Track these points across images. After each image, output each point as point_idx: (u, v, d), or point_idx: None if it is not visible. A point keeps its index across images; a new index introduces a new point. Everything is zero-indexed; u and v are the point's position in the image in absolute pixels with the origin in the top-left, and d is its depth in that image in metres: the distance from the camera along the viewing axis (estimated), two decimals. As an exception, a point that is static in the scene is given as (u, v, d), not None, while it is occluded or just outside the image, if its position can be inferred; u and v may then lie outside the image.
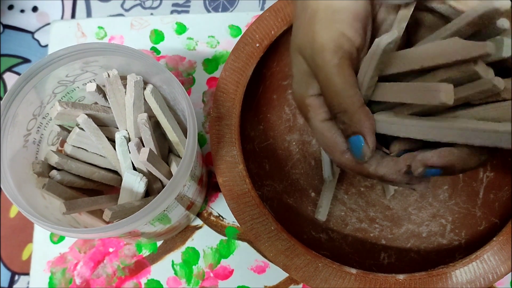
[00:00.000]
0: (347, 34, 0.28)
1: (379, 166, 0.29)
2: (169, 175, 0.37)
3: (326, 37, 0.28)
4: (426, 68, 0.26)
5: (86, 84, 0.36)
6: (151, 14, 0.55)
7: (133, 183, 0.36)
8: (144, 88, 0.35)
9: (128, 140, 0.37)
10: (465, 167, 0.26)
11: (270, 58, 0.42)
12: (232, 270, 0.42)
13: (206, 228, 0.43)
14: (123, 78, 0.35)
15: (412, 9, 0.29)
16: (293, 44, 0.31)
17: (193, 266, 0.42)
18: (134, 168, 0.37)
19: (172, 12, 0.56)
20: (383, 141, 0.30)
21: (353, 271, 0.35)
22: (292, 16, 0.32)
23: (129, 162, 0.37)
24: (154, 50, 0.49)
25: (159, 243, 0.43)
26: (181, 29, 0.49)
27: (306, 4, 0.29)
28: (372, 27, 0.30)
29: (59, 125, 0.37)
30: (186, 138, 0.33)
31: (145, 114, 0.36)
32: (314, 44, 0.28)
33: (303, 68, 0.30)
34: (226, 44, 0.48)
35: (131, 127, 0.36)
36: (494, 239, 0.35)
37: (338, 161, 0.31)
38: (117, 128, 0.38)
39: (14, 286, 0.45)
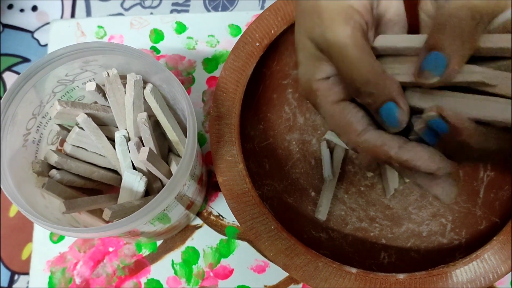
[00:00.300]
0: (356, 7, 0.27)
1: (403, 150, 0.27)
2: (169, 174, 0.37)
3: (335, 11, 0.27)
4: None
5: (85, 83, 0.36)
6: (151, 13, 0.55)
7: (133, 182, 0.35)
8: (144, 87, 0.35)
9: (128, 139, 0.37)
10: (482, 145, 0.24)
11: (270, 57, 0.42)
12: (232, 270, 0.42)
13: (206, 227, 0.43)
14: (123, 77, 0.35)
15: None
16: (299, 28, 0.30)
17: (193, 266, 0.42)
18: (134, 168, 0.37)
19: (172, 11, 0.56)
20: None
21: (353, 270, 0.35)
22: (295, 5, 0.31)
23: (128, 161, 0.37)
24: (154, 49, 0.49)
25: (159, 243, 0.43)
26: (181, 28, 0.49)
27: None
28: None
29: (59, 125, 0.37)
30: (186, 137, 0.33)
31: (145, 114, 0.36)
32: (323, 20, 0.27)
33: (310, 52, 0.29)
34: (226, 43, 0.48)
35: (130, 127, 0.36)
36: (495, 238, 0.35)
37: (355, 143, 0.28)
38: (117, 127, 0.38)
39: (13, 285, 0.45)
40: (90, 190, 0.39)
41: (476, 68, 0.25)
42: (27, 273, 0.44)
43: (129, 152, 0.36)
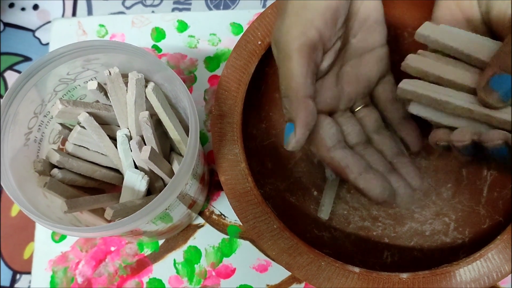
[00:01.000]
0: (315, 23, 0.29)
1: (360, 178, 0.30)
2: (171, 173, 0.36)
3: (294, 23, 0.29)
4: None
5: (87, 82, 0.36)
6: (152, 11, 0.55)
7: (135, 181, 0.35)
8: (146, 86, 0.35)
9: (130, 138, 0.37)
10: None
11: (272, 56, 0.42)
12: (234, 269, 0.42)
13: (208, 226, 0.43)
14: (125, 76, 0.35)
15: None
16: (272, 36, 0.32)
17: (195, 265, 0.42)
18: (136, 167, 0.37)
19: (173, 9, 0.55)
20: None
21: (356, 269, 0.34)
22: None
23: (130, 160, 0.37)
24: (156, 48, 0.48)
25: (161, 242, 0.43)
26: (182, 27, 0.49)
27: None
28: (349, 20, 0.31)
29: (60, 124, 0.37)
30: (188, 136, 0.33)
31: (147, 112, 0.35)
32: (282, 29, 0.29)
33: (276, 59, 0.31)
34: (228, 42, 0.48)
35: (132, 125, 0.36)
36: (498, 237, 0.34)
37: (322, 157, 0.31)
38: (119, 126, 0.38)
39: (15, 285, 0.45)
40: (92, 189, 0.38)
41: None
42: (29, 273, 0.44)
43: (131, 151, 0.36)
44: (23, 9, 0.59)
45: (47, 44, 0.57)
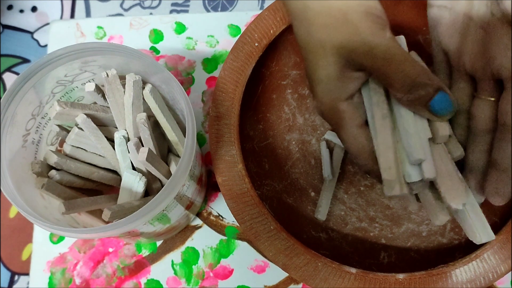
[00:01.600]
0: (383, 17, 0.29)
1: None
2: (169, 174, 0.37)
3: (368, 22, 0.28)
4: None
5: (85, 84, 0.36)
6: (150, 13, 0.55)
7: (132, 182, 0.36)
8: (143, 88, 0.35)
9: (127, 140, 0.37)
10: None
11: (269, 57, 0.42)
12: (232, 270, 0.42)
13: (205, 227, 0.43)
14: (122, 78, 0.35)
15: None
16: (321, 44, 0.30)
17: (193, 266, 0.42)
18: (134, 168, 0.37)
19: (171, 11, 0.56)
20: None
21: (353, 270, 0.35)
22: (295, 19, 0.32)
23: (128, 162, 0.37)
24: (154, 49, 0.49)
25: (158, 243, 0.43)
26: (180, 28, 0.49)
27: (311, 4, 0.29)
28: None
29: (58, 125, 0.37)
30: (185, 137, 0.33)
31: (144, 114, 0.36)
32: (359, 32, 0.28)
33: (334, 70, 0.29)
34: (226, 43, 0.48)
35: (130, 127, 0.36)
36: (494, 238, 0.35)
37: (369, 168, 0.30)
38: (116, 128, 0.38)
39: (14, 286, 0.45)
40: (90, 190, 0.39)
41: None
42: (27, 274, 0.44)
43: (129, 152, 0.36)
44: (21, 11, 0.59)
45: (46, 46, 0.57)
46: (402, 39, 0.32)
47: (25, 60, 0.58)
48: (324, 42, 0.29)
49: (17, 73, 0.58)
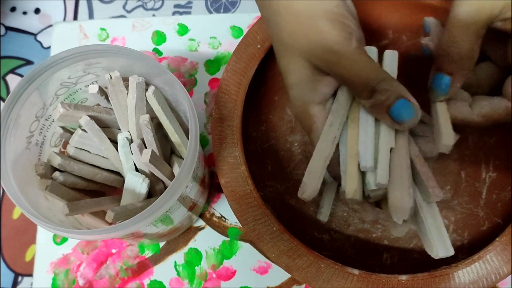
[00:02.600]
0: (350, 25, 0.29)
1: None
2: (171, 176, 0.37)
3: (335, 30, 0.29)
4: None
5: (88, 85, 0.37)
6: (153, 15, 0.55)
7: (136, 184, 0.36)
8: (146, 90, 0.35)
9: (131, 141, 0.37)
10: None
11: (271, 59, 0.42)
12: (235, 271, 0.42)
13: (208, 229, 0.43)
14: (125, 80, 0.35)
15: None
16: (286, 49, 0.31)
17: (196, 267, 0.42)
18: (137, 170, 0.38)
19: (174, 13, 0.56)
20: None
21: (356, 271, 0.35)
22: (268, 25, 0.32)
23: (131, 163, 0.37)
24: (156, 51, 0.49)
25: (161, 244, 0.43)
26: (183, 30, 0.49)
27: (284, 7, 0.30)
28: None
29: (62, 127, 0.37)
30: (188, 139, 0.33)
31: (147, 116, 0.36)
32: (327, 39, 0.29)
33: (304, 74, 0.30)
34: (228, 45, 0.48)
35: (133, 129, 0.37)
36: (497, 239, 0.35)
37: (335, 174, 0.32)
38: (119, 129, 0.38)
39: (17, 287, 0.45)
40: (93, 192, 0.39)
41: None
42: (30, 275, 0.44)
43: (132, 154, 0.37)
44: (24, 13, 0.60)
45: (49, 47, 0.57)
46: (373, 49, 0.32)
47: (29, 62, 0.58)
48: (293, 48, 0.30)
49: (20, 75, 0.58)
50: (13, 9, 0.60)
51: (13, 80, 0.58)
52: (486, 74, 0.33)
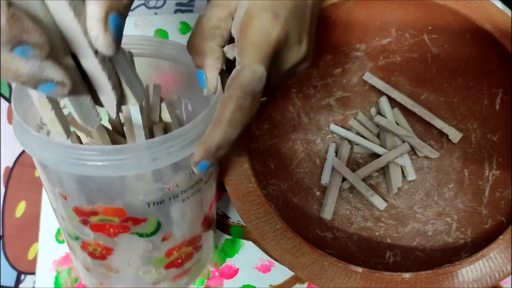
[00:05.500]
0: None
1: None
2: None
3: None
4: None
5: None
6: (155, 13, 0.55)
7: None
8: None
9: None
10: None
11: (274, 57, 0.42)
12: (237, 269, 0.42)
13: (211, 227, 0.43)
14: None
15: None
16: None
17: (198, 265, 0.42)
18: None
19: (176, 11, 0.56)
20: None
21: (359, 269, 0.35)
22: None
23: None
24: (159, 49, 0.49)
25: (164, 242, 0.43)
26: (185, 28, 0.49)
27: None
28: None
29: None
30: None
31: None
32: None
33: None
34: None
35: None
36: (500, 237, 0.34)
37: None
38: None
39: (20, 285, 0.45)
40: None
41: None
42: (33, 273, 0.44)
43: None
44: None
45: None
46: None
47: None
48: None
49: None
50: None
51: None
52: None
